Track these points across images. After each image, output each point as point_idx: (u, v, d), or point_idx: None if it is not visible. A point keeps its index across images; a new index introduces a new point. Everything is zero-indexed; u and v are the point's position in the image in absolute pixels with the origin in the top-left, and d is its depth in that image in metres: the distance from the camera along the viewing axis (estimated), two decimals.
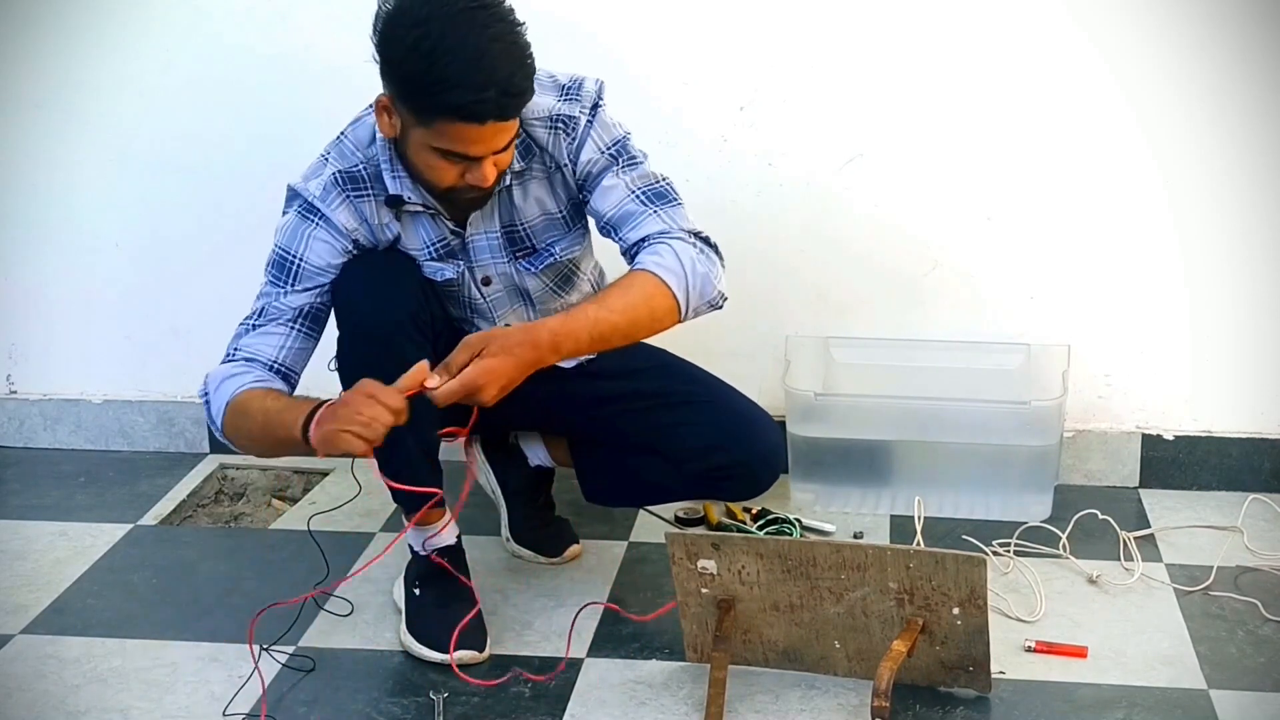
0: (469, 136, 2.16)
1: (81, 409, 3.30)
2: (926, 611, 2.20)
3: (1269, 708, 2.28)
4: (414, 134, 2.21)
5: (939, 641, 2.22)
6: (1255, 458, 2.99)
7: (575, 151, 2.37)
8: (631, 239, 2.35)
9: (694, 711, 2.28)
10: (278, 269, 2.35)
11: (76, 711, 2.30)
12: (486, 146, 2.19)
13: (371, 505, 2.99)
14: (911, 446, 2.90)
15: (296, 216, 2.35)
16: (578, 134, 2.36)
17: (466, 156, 2.20)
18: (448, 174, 2.23)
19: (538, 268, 2.45)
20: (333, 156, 2.36)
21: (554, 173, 2.40)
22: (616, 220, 2.37)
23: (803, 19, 2.91)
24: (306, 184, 2.35)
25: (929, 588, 2.18)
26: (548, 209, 2.42)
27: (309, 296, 2.34)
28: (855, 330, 3.04)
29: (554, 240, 2.44)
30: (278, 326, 2.33)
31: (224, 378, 2.30)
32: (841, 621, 2.25)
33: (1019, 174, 2.94)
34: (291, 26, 3.02)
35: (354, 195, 2.33)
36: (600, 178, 2.38)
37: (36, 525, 2.95)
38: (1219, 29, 2.81)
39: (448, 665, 2.38)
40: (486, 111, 2.13)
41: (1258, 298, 2.93)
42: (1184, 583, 2.64)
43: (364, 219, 2.34)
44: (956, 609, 2.18)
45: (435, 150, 2.20)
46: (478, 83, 2.10)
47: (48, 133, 3.15)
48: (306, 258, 2.33)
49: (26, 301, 3.26)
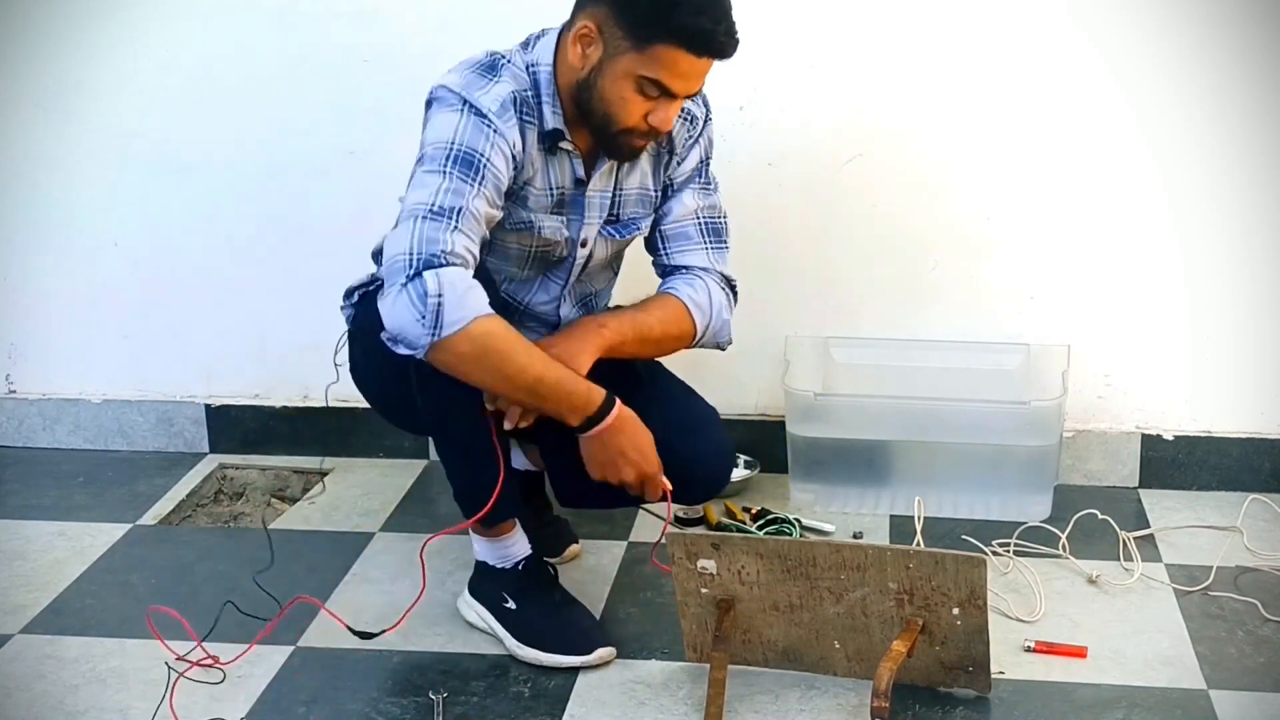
0: (683, 68, 2.21)
1: (80, 409, 3.29)
2: (926, 612, 2.20)
3: (1268, 708, 2.28)
4: (620, 61, 2.22)
5: (939, 641, 2.22)
6: (1255, 458, 2.99)
7: (687, 149, 2.46)
8: (675, 260, 2.49)
9: (693, 711, 2.28)
10: (465, 166, 2.20)
11: (75, 711, 2.30)
12: (689, 85, 2.24)
13: (371, 505, 2.99)
14: (911, 446, 2.90)
15: (475, 118, 2.23)
16: (696, 133, 2.46)
17: (666, 91, 2.23)
18: (636, 110, 2.25)
19: (622, 235, 2.48)
20: (505, 75, 2.30)
21: (664, 155, 2.46)
22: (671, 234, 2.49)
23: (803, 19, 2.91)
24: (474, 93, 2.26)
25: (929, 588, 2.18)
26: (646, 185, 2.47)
27: (492, 210, 2.24)
28: (855, 330, 3.04)
29: (639, 217, 2.48)
30: (475, 233, 2.19)
31: (468, 287, 2.12)
32: (841, 622, 2.25)
33: (1019, 174, 2.94)
34: (291, 25, 3.02)
35: (525, 119, 2.30)
36: (683, 187, 2.49)
37: (35, 525, 2.94)
38: (1219, 29, 2.81)
39: (449, 666, 2.38)
40: (713, 43, 2.19)
41: (1258, 298, 2.93)
42: (1184, 583, 2.63)
43: (522, 147, 2.30)
44: (956, 609, 2.18)
45: (638, 80, 2.22)
46: (715, 14, 2.19)
47: (47, 132, 3.14)
48: (493, 162, 2.23)
49: (25, 301, 3.26)
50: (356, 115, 3.04)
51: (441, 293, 2.10)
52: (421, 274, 2.11)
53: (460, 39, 2.96)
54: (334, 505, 2.99)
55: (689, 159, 2.48)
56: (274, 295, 3.18)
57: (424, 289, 2.10)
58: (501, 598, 2.45)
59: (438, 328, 2.10)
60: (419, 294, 2.10)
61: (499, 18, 2.94)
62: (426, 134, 2.28)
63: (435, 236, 2.14)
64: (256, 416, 3.25)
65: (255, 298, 3.18)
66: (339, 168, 3.07)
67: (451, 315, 2.10)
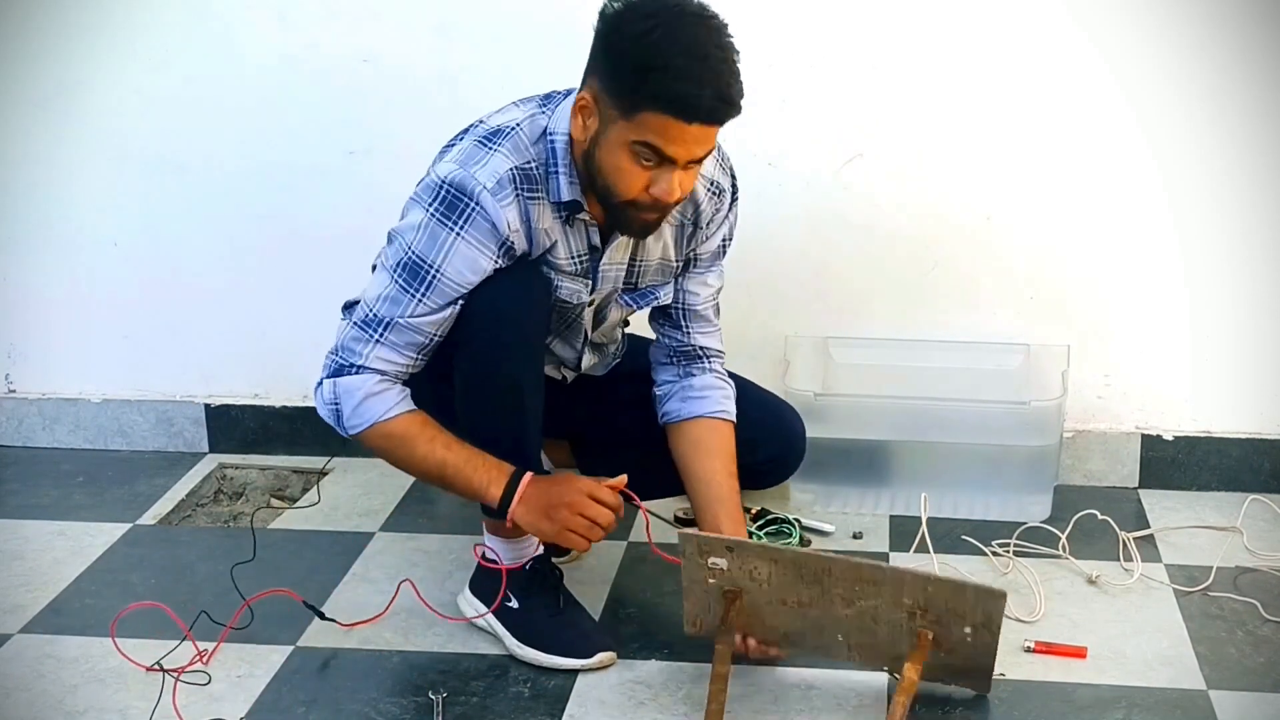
0: (672, 134, 2.13)
1: (80, 408, 3.29)
2: (938, 626, 2.19)
3: (1268, 708, 2.28)
4: (613, 131, 2.17)
5: (945, 650, 2.22)
6: (1255, 458, 2.99)
7: (714, 225, 2.45)
8: (696, 341, 2.52)
9: (693, 711, 2.28)
10: (411, 275, 2.24)
11: (75, 711, 2.30)
12: (685, 151, 2.16)
13: (371, 505, 2.99)
14: (911, 447, 2.90)
15: (436, 224, 2.23)
16: (724, 206, 2.44)
17: (662, 156, 2.16)
18: (635, 180, 2.19)
19: (638, 306, 2.48)
20: (504, 149, 2.26)
21: (689, 227, 2.43)
22: (694, 315, 2.51)
23: (802, 18, 2.91)
24: (469, 171, 2.24)
25: (944, 608, 2.17)
26: (668, 256, 2.44)
27: (438, 314, 2.27)
28: (855, 330, 3.04)
29: (657, 286, 2.47)
30: (403, 342, 2.27)
31: (364, 395, 2.27)
32: (849, 622, 2.24)
33: (1019, 174, 2.94)
34: (290, 25, 3.02)
35: (527, 194, 2.27)
36: (707, 269, 2.49)
37: (35, 525, 2.94)
38: (1219, 29, 2.81)
39: (448, 665, 2.38)
40: (699, 108, 2.11)
41: (1258, 298, 2.93)
42: (1183, 583, 2.63)
43: (528, 220, 2.28)
44: (968, 629, 2.18)
45: (631, 147, 2.16)
46: (698, 78, 2.10)
47: (46, 132, 3.14)
48: (446, 269, 2.24)
49: (25, 301, 3.25)
50: (356, 115, 3.04)
51: (338, 401, 2.30)
52: (324, 381, 2.31)
53: (460, 39, 2.98)
54: (334, 505, 2.99)
55: (715, 236, 2.46)
56: (274, 295, 3.17)
57: (324, 395, 2.31)
58: (506, 598, 2.45)
59: (342, 428, 2.31)
60: (323, 399, 2.32)
61: (499, 16, 2.95)
62: (402, 217, 2.31)
63: (354, 348, 2.29)
64: (256, 416, 3.25)
65: (255, 298, 3.18)
66: (338, 167, 3.07)
67: (349, 421, 2.30)
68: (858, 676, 2.35)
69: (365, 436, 2.31)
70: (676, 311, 2.50)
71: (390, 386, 2.30)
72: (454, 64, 2.97)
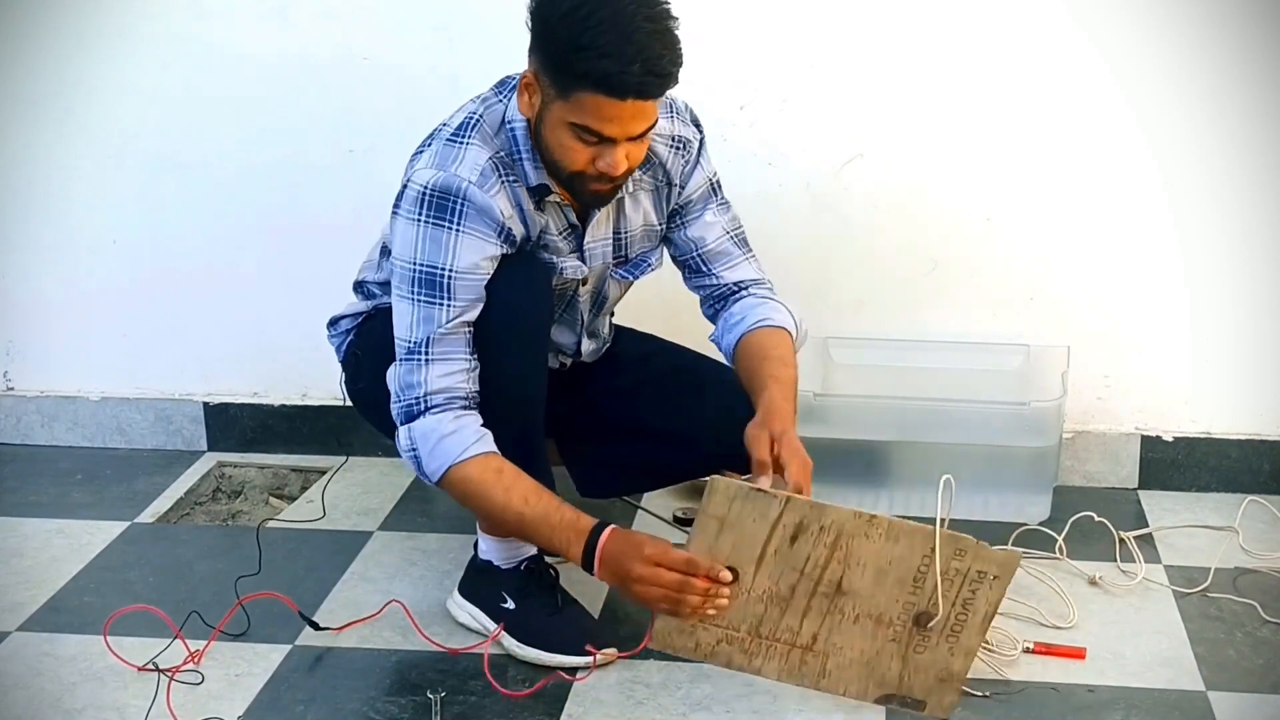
0: (606, 112, 2.14)
1: (79, 406, 3.29)
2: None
3: (1267, 709, 2.28)
4: (553, 109, 2.19)
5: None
6: (1254, 459, 2.99)
7: (687, 175, 2.43)
8: (726, 277, 2.48)
9: (692, 710, 2.27)
10: (428, 287, 2.24)
11: (73, 709, 2.30)
12: (622, 128, 2.17)
13: (370, 504, 2.99)
14: (910, 447, 2.90)
15: (431, 227, 2.23)
16: (691, 156, 2.43)
17: (601, 136, 2.17)
18: (580, 156, 2.20)
19: (635, 276, 2.48)
20: (475, 141, 2.28)
21: (663, 188, 2.43)
22: (713, 255, 2.47)
23: (803, 19, 2.91)
24: (450, 171, 2.25)
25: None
26: (650, 221, 2.44)
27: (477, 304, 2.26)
28: (854, 330, 3.03)
29: (648, 251, 2.48)
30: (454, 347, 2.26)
31: (439, 437, 2.24)
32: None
33: (1018, 174, 2.94)
34: (289, 24, 3.01)
35: (510, 180, 2.28)
36: (702, 210, 2.47)
37: (33, 523, 2.94)
38: (1219, 29, 2.81)
39: (447, 665, 2.38)
40: (628, 85, 2.12)
41: (1257, 298, 2.93)
42: (1182, 584, 2.63)
43: (519, 205, 2.29)
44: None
45: (570, 127, 2.17)
46: (625, 55, 2.10)
47: (45, 130, 3.14)
48: (459, 266, 2.23)
49: (23, 298, 3.25)
50: (356, 113, 3.04)
51: (415, 447, 2.27)
52: (399, 428, 2.28)
53: (460, 36, 2.98)
54: (332, 504, 2.98)
55: (693, 182, 2.46)
56: (273, 293, 3.17)
57: (402, 444, 2.29)
58: (500, 598, 2.45)
59: (424, 475, 2.28)
60: (402, 448, 2.29)
61: (499, 14, 2.94)
62: (394, 243, 2.29)
63: (411, 380, 2.26)
64: (255, 415, 3.24)
65: (254, 296, 3.18)
66: (338, 165, 3.07)
67: (429, 467, 2.27)
68: None
69: (444, 482, 2.26)
70: (695, 260, 2.49)
71: (466, 423, 2.25)
72: (454, 62, 2.96)
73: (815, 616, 2.20)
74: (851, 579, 2.16)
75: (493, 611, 2.45)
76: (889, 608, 2.18)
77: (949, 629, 2.18)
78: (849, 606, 2.19)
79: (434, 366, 2.25)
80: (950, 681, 2.21)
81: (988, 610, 2.16)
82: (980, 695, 2.29)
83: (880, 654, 2.20)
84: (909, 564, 2.14)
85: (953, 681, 2.21)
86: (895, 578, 2.15)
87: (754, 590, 2.18)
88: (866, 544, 2.14)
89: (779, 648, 2.22)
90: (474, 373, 2.28)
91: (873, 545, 2.14)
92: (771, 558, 2.15)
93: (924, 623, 2.17)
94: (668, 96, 2.38)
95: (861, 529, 2.13)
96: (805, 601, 2.19)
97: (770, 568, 2.16)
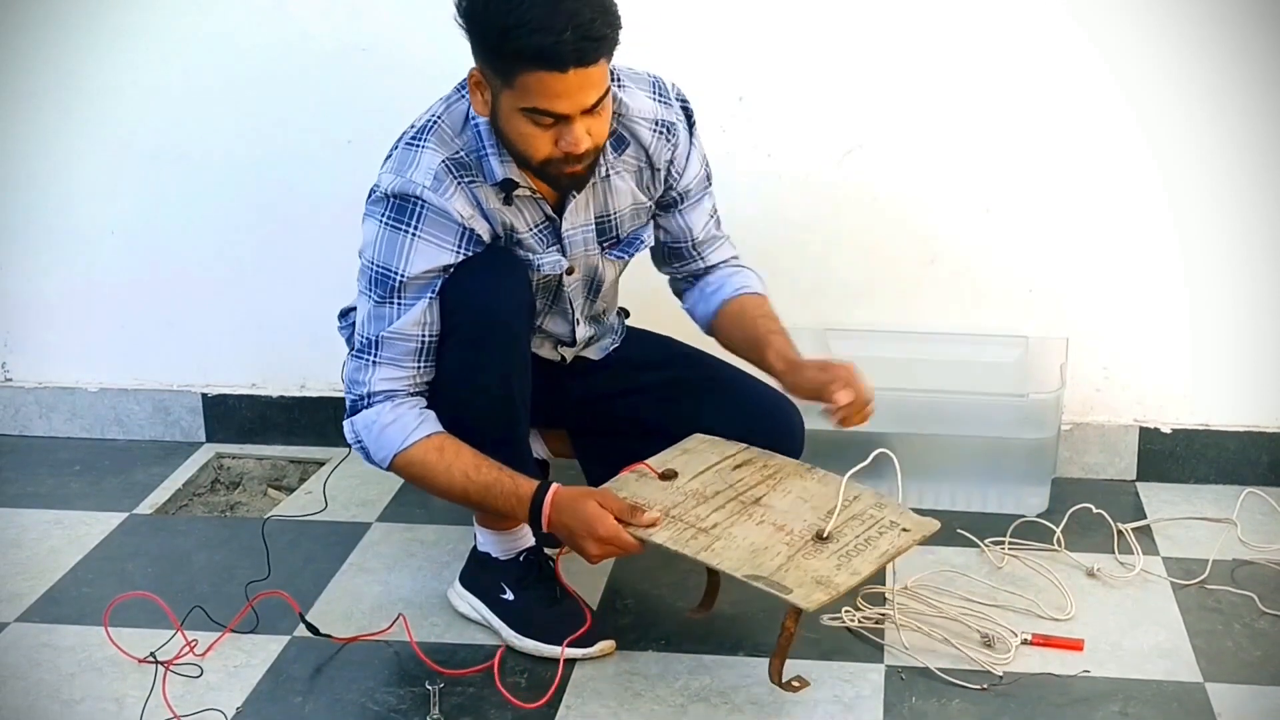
0: (552, 88, 2.12)
1: (77, 397, 3.29)
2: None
3: (1265, 701, 2.28)
4: (503, 101, 2.18)
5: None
6: (1252, 451, 2.99)
7: (682, 163, 2.44)
8: (713, 259, 2.55)
9: (690, 702, 2.28)
10: (381, 287, 2.27)
11: (71, 700, 2.30)
12: (572, 102, 2.14)
13: (368, 495, 2.99)
14: (909, 439, 2.89)
15: (390, 229, 2.25)
16: (678, 142, 2.42)
17: (554, 115, 2.15)
18: (542, 142, 2.18)
19: (628, 254, 2.49)
20: (430, 144, 2.27)
21: (645, 169, 2.42)
22: (699, 242, 2.53)
23: (802, 10, 2.90)
24: (406, 176, 2.25)
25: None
26: (638, 200, 2.44)
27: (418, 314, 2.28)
28: (853, 322, 3.03)
29: (639, 229, 2.48)
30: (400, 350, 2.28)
31: (380, 428, 2.28)
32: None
33: (1018, 167, 2.94)
34: (288, 16, 3.01)
35: (467, 181, 2.27)
36: (699, 198, 2.50)
37: (31, 513, 2.94)
38: (1219, 29, 2.81)
39: (445, 656, 2.38)
40: (564, 54, 2.09)
41: (1256, 292, 2.93)
42: (1180, 576, 2.63)
43: (478, 204, 2.28)
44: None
45: (523, 114, 2.16)
46: (554, 26, 2.08)
47: (44, 123, 3.14)
48: (410, 270, 2.25)
49: (22, 290, 3.25)
50: (354, 105, 3.04)
51: (360, 439, 2.32)
52: (345, 421, 2.34)
53: (457, 27, 2.97)
54: (331, 495, 2.98)
55: (690, 168, 2.45)
56: (271, 285, 3.17)
57: (348, 437, 2.34)
58: (499, 589, 2.45)
59: (374, 464, 2.33)
60: (350, 440, 2.34)
61: None
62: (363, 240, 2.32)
63: (357, 378, 2.31)
64: (253, 406, 3.24)
65: (252, 287, 3.18)
66: (337, 157, 3.06)
67: (376, 456, 2.31)
68: (855, 668, 2.35)
69: (394, 469, 2.31)
70: (684, 248, 2.52)
71: (405, 411, 2.29)
72: (453, 53, 2.95)
73: (724, 513, 2.27)
74: (772, 498, 2.31)
75: (492, 602, 2.45)
76: (794, 523, 2.25)
77: (844, 550, 2.21)
78: (759, 514, 2.27)
79: (380, 369, 2.29)
80: (826, 586, 2.15)
81: (889, 549, 2.22)
82: (978, 688, 2.29)
83: (768, 549, 2.20)
84: (829, 500, 2.28)
85: (829, 587, 2.15)
86: (811, 506, 2.29)
87: (683, 487, 2.31)
88: (798, 481, 2.35)
89: (679, 525, 2.25)
90: (422, 378, 2.31)
91: (803, 482, 2.35)
92: (710, 472, 2.34)
93: (820, 537, 2.22)
94: (652, 76, 2.40)
95: (800, 473, 2.37)
96: (722, 503, 2.29)
97: (706, 478, 2.33)
